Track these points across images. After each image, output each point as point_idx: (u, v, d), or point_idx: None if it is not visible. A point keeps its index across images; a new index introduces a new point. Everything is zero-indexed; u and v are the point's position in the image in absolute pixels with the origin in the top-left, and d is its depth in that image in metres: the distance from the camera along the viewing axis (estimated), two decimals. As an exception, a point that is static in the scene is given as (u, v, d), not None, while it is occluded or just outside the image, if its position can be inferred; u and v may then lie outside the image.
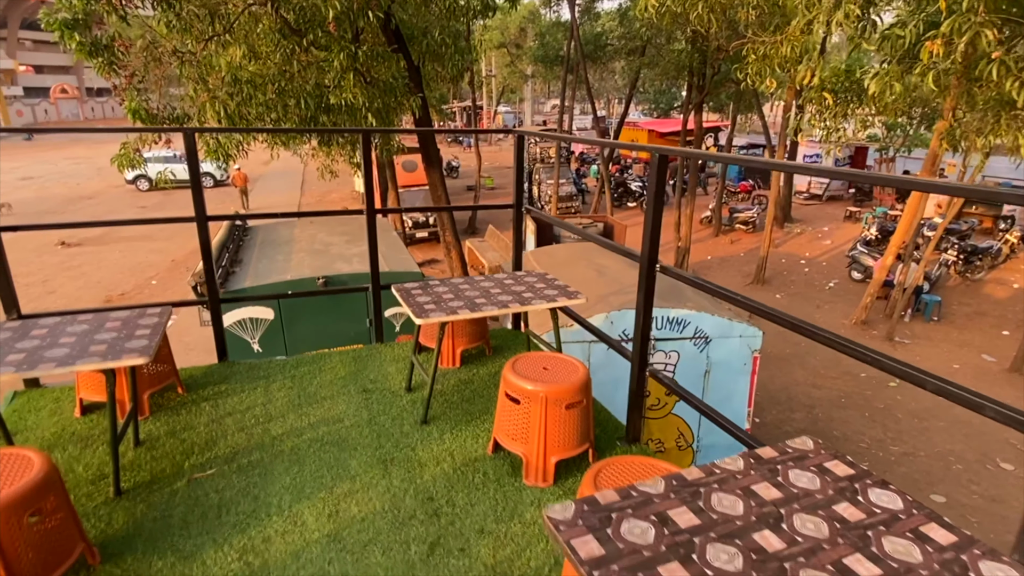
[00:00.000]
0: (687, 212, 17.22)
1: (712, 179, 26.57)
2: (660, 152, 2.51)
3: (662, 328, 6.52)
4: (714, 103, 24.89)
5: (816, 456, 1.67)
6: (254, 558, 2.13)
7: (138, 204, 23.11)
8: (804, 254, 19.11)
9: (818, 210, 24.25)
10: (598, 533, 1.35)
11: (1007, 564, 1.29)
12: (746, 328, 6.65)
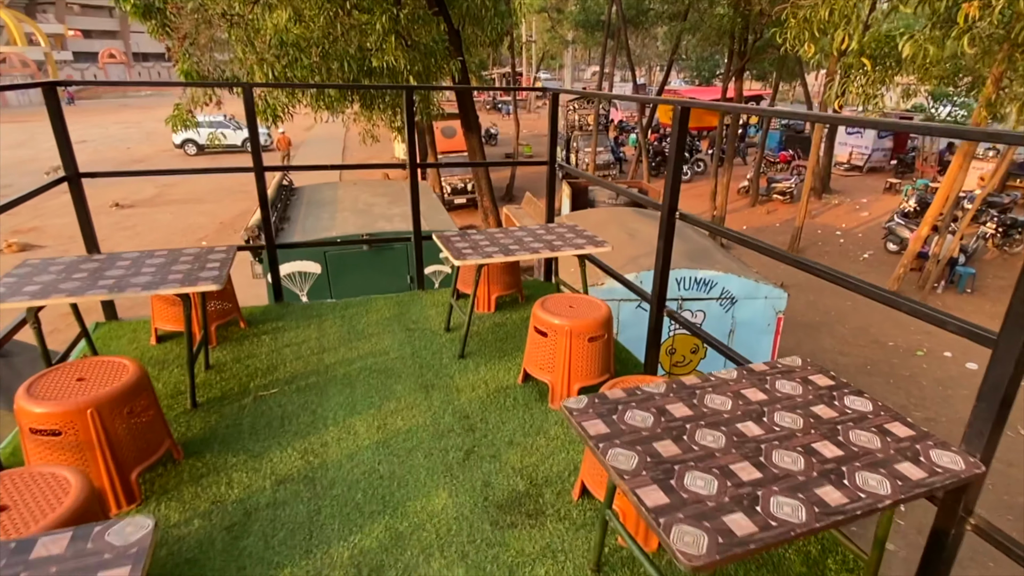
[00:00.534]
0: (723, 181, 16.98)
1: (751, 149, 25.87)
2: (682, 104, 2.67)
3: (690, 288, 6.68)
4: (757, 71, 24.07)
5: (803, 370, 1.88)
6: (314, 458, 2.48)
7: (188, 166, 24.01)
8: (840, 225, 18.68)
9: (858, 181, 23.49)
10: (605, 418, 1.61)
11: (954, 452, 1.50)
12: (771, 290, 6.74)
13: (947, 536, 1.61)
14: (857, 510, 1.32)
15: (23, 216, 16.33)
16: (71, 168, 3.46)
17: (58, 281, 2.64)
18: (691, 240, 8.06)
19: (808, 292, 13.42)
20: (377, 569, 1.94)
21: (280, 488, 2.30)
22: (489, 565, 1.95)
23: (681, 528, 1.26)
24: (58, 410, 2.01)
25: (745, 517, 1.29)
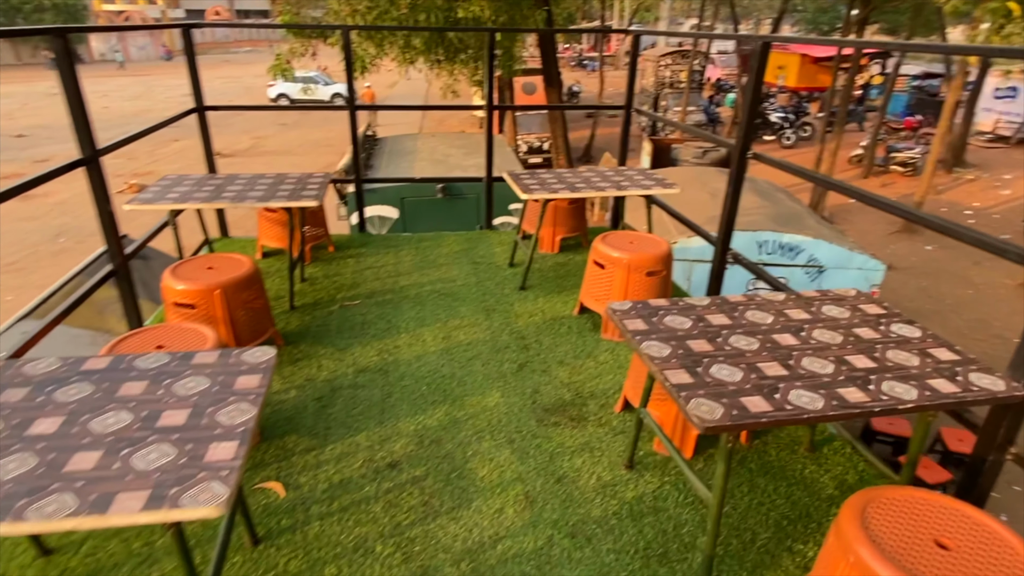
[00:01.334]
0: (831, 147, 15.73)
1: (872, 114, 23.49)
2: (763, 40, 2.64)
3: (773, 252, 6.46)
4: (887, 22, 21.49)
5: (856, 300, 1.92)
6: (388, 356, 2.82)
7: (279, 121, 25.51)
8: (972, 204, 16.77)
9: (1002, 154, 20.73)
10: (646, 319, 1.76)
11: (996, 376, 1.52)
12: (867, 260, 6.37)
13: (984, 463, 1.64)
14: (876, 407, 1.40)
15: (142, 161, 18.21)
16: (199, 102, 3.95)
17: (192, 192, 3.10)
18: (781, 204, 7.71)
19: (922, 277, 12.34)
20: (436, 441, 2.24)
21: (359, 375, 2.65)
22: (532, 451, 2.19)
23: (700, 400, 1.41)
24: (194, 288, 2.44)
25: (763, 400, 1.42)
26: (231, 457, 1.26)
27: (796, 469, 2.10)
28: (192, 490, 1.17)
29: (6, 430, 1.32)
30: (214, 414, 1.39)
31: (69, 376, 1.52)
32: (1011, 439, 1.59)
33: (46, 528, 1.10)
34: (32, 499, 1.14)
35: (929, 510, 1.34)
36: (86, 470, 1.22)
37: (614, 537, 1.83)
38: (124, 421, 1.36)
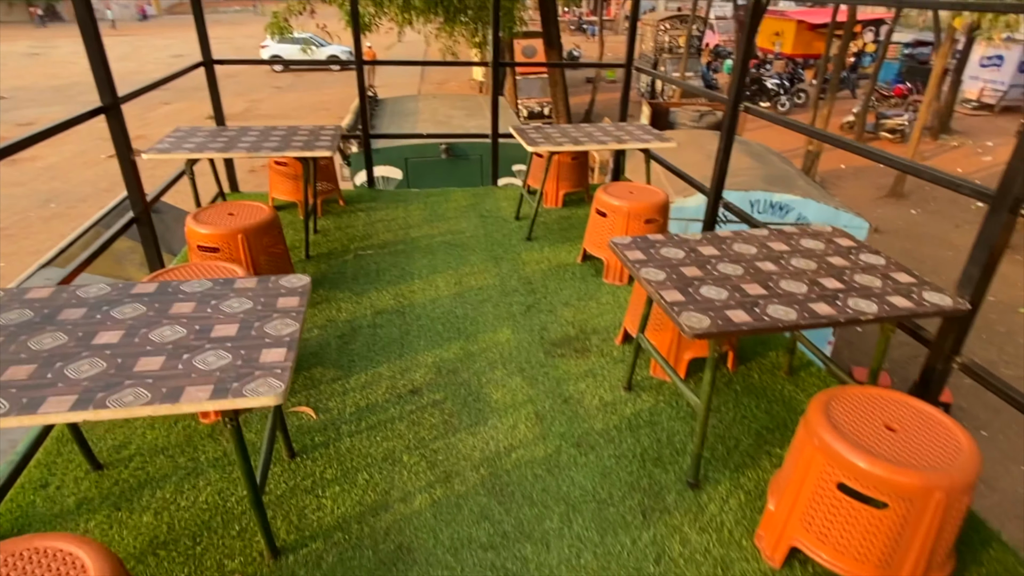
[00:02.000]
0: (824, 113, 15.79)
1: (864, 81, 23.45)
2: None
3: (764, 211, 6.64)
4: (884, -13, 21.28)
5: (831, 235, 2.12)
6: (403, 299, 3.01)
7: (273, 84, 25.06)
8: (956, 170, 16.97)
9: (986, 122, 20.89)
10: (644, 251, 1.95)
11: (945, 294, 1.73)
12: (852, 218, 6.57)
13: (934, 371, 1.86)
14: (840, 318, 1.61)
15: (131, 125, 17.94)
16: (207, 55, 4.03)
17: (207, 142, 3.22)
18: (773, 166, 7.86)
19: (906, 240, 12.63)
20: (453, 371, 2.45)
21: (377, 316, 2.84)
22: (541, 378, 2.40)
23: (690, 313, 1.61)
24: (217, 232, 2.60)
25: (744, 313, 1.62)
26: (282, 359, 1.45)
27: (776, 389, 2.33)
28: (251, 384, 1.36)
29: (71, 341, 1.50)
30: (261, 327, 1.57)
31: (121, 298, 1.70)
32: (957, 349, 1.81)
33: (127, 414, 1.29)
34: (109, 392, 1.32)
35: (882, 402, 1.57)
36: (153, 370, 1.40)
37: (614, 445, 2.06)
38: (180, 333, 1.55)
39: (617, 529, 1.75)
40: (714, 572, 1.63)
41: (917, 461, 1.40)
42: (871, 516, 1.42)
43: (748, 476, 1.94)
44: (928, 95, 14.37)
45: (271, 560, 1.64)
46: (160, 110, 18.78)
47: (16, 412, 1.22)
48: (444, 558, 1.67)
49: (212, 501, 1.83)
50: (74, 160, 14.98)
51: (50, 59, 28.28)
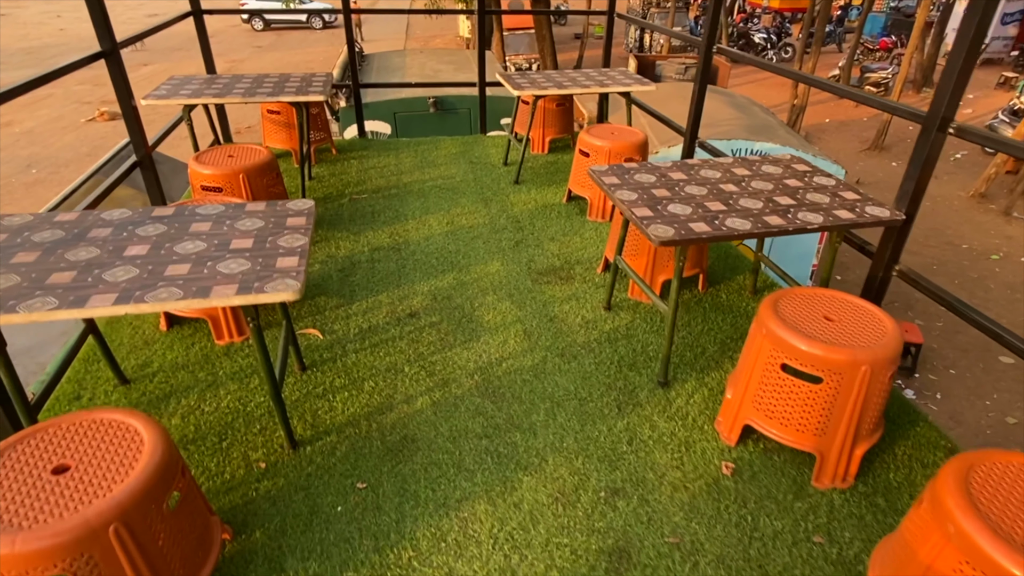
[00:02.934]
0: (808, 67, 15.78)
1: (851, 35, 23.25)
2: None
3: (744, 162, 6.82)
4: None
5: (789, 162, 2.31)
6: (399, 238, 3.18)
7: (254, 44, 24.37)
8: (940, 122, 17.12)
9: (972, 74, 20.89)
10: (619, 177, 2.14)
11: (884, 207, 1.94)
12: (829, 165, 6.77)
13: (877, 279, 2.09)
14: (789, 227, 1.82)
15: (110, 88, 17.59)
16: (195, 5, 4.06)
17: (202, 89, 3.32)
18: (755, 116, 7.98)
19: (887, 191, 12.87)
20: (447, 297, 2.65)
21: (375, 253, 3.02)
22: (529, 301, 2.62)
23: (657, 226, 1.81)
24: (220, 172, 2.74)
25: (705, 225, 1.82)
26: (296, 265, 1.63)
27: (741, 306, 2.57)
28: (271, 283, 1.55)
29: (104, 254, 1.66)
30: (274, 241, 1.75)
31: (143, 220, 1.86)
32: (896, 259, 2.04)
33: (160, 308, 1.47)
34: (146, 291, 1.50)
35: (824, 300, 1.79)
36: (182, 274, 1.58)
37: (594, 355, 2.29)
38: (201, 246, 1.72)
39: (595, 420, 1.99)
40: (679, 451, 1.88)
41: (848, 342, 1.64)
42: (809, 391, 1.66)
43: (712, 376, 2.19)
44: (910, 48, 14.40)
45: (291, 451, 1.87)
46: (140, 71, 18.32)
47: (66, 307, 1.41)
48: (444, 445, 1.90)
49: (233, 407, 2.05)
50: (52, 125, 14.68)
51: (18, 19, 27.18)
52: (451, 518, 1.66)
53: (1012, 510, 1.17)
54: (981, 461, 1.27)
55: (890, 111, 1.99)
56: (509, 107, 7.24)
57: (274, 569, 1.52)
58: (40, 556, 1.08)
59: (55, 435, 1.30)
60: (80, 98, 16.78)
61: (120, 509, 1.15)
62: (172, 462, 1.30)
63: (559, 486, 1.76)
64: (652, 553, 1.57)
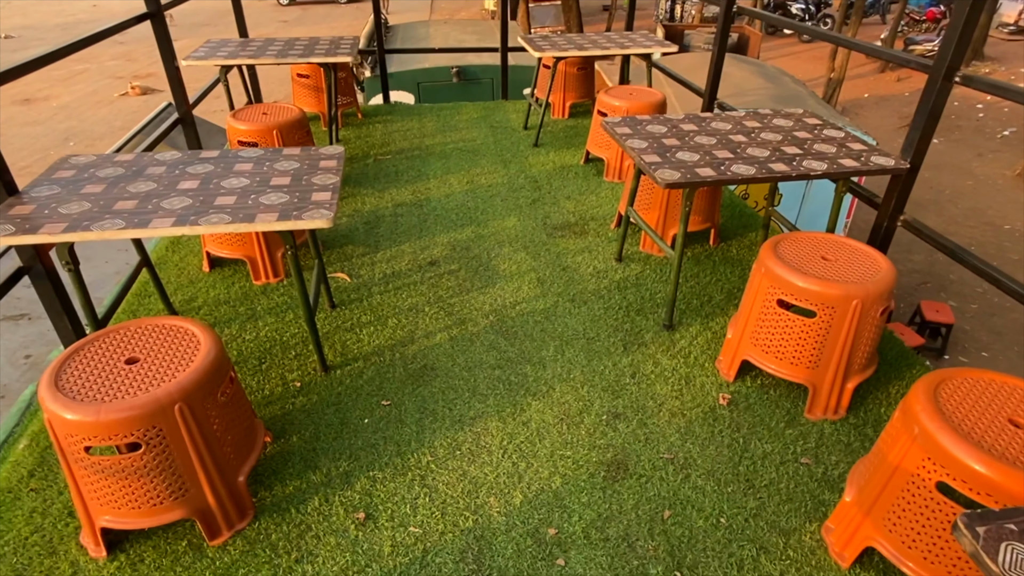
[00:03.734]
0: (847, 38, 15.25)
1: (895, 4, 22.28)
2: None
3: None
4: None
5: (802, 116, 2.37)
6: (420, 195, 3.33)
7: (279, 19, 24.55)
8: (985, 98, 16.47)
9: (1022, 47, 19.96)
10: (632, 128, 2.24)
11: (889, 156, 2.01)
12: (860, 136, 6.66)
13: (883, 228, 2.16)
14: (792, 174, 1.90)
15: (141, 63, 17.84)
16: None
17: (238, 51, 3.49)
18: (785, 87, 7.86)
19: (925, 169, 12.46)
20: (466, 248, 2.80)
21: (398, 208, 3.18)
22: (543, 253, 2.75)
23: (664, 170, 1.92)
24: (255, 128, 2.91)
25: (711, 170, 1.92)
26: (329, 199, 1.79)
27: (749, 259, 2.66)
28: (307, 213, 1.71)
29: (160, 187, 1.85)
30: (309, 179, 1.91)
31: (192, 161, 2.04)
32: (900, 208, 2.11)
33: (213, 230, 1.65)
34: (199, 216, 1.68)
35: (823, 243, 1.89)
36: (229, 204, 1.75)
37: (604, 300, 2.42)
38: (244, 182, 1.89)
39: (601, 356, 2.13)
40: (679, 384, 2.01)
41: (842, 278, 1.74)
42: (803, 325, 1.77)
43: (716, 322, 2.30)
44: (957, 17, 13.76)
45: (322, 373, 2.06)
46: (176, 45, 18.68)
47: (132, 227, 1.59)
48: (461, 374, 2.07)
49: (270, 336, 2.24)
50: (87, 99, 15.16)
51: (52, -3, 27.88)
52: (465, 432, 1.83)
53: (973, 414, 1.28)
54: (952, 376, 1.37)
55: (897, 61, 2.04)
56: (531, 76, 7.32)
57: (309, 467, 1.71)
58: (119, 424, 1.27)
59: (124, 335, 1.50)
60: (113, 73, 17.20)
61: (183, 392, 1.34)
62: (224, 361, 1.49)
63: (565, 409, 1.91)
64: (647, 466, 1.72)
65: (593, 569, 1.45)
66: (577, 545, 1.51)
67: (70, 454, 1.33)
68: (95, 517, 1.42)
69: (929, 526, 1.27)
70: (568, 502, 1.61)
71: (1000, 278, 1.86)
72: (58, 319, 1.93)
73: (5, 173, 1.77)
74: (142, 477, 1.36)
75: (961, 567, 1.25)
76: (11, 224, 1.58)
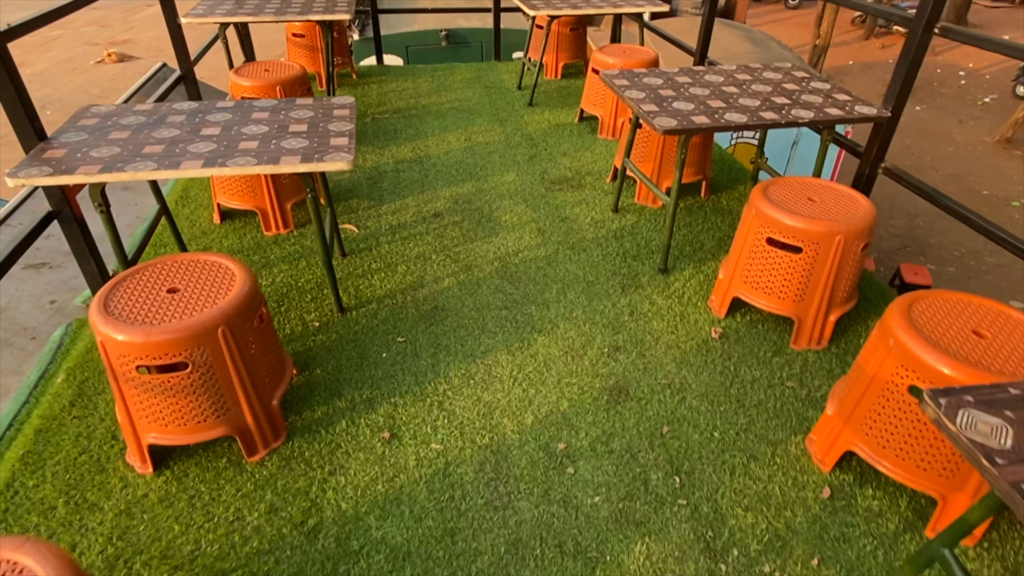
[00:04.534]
0: (833, 6, 15.28)
1: (882, -29, 22.21)
2: None
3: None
4: None
5: (791, 69, 2.48)
6: (420, 152, 3.40)
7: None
8: (967, 65, 16.66)
9: (1005, 15, 20.08)
10: (629, 79, 2.33)
11: (871, 105, 2.13)
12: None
13: (864, 176, 2.31)
14: (781, 121, 2.03)
15: (116, 28, 17.29)
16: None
17: (236, 9, 3.48)
18: (771, 51, 7.93)
19: (907, 136, 12.70)
20: (467, 201, 2.90)
21: (399, 164, 3.26)
22: (543, 205, 2.86)
23: (662, 118, 2.03)
24: (258, 84, 2.95)
25: (706, 118, 2.04)
26: (347, 143, 1.88)
27: (739, 210, 2.80)
28: (328, 155, 1.80)
29: (184, 133, 1.91)
30: (325, 126, 1.99)
31: (210, 110, 2.10)
32: (882, 156, 2.25)
33: (241, 171, 1.73)
34: (226, 159, 1.76)
35: (810, 186, 2.02)
36: (252, 148, 1.83)
37: (601, 248, 2.55)
38: (264, 129, 1.96)
39: (601, 297, 2.27)
40: (674, 320, 2.16)
41: (826, 216, 1.88)
42: (790, 260, 1.92)
43: (708, 266, 2.45)
44: (942, -17, 13.80)
45: (339, 314, 2.17)
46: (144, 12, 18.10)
47: (164, 168, 1.67)
48: (469, 314, 2.19)
49: (286, 282, 2.34)
50: (62, 67, 14.69)
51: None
52: (477, 364, 1.97)
53: (941, 327, 1.44)
54: (925, 296, 1.53)
55: (879, 13, 2.15)
56: (522, 41, 7.28)
57: (334, 395, 1.84)
58: (168, 345, 1.38)
59: (163, 269, 1.60)
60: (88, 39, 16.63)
61: (225, 316, 1.45)
62: (258, 291, 1.59)
63: (568, 344, 2.05)
64: (647, 390, 1.87)
65: (600, 475, 1.61)
66: (585, 456, 1.66)
67: (121, 374, 1.44)
68: (142, 435, 1.54)
69: (901, 427, 1.44)
70: (575, 421, 1.76)
71: (970, 216, 2.02)
72: (85, 263, 2.01)
73: (35, 120, 1.83)
74: (188, 396, 1.47)
75: (928, 460, 1.42)
76: (48, 166, 1.65)
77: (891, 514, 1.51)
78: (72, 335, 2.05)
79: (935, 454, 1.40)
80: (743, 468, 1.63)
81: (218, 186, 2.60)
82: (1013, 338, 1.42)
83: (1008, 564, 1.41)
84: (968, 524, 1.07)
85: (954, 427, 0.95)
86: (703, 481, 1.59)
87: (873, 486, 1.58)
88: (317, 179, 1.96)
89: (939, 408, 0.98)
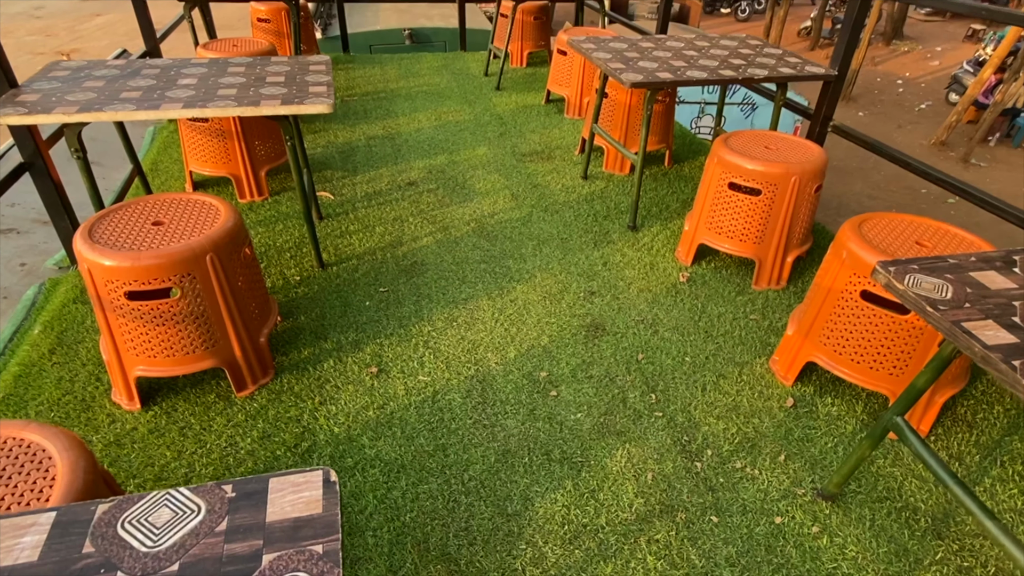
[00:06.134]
0: (780, 16, 16.07)
1: (823, -14, 23.43)
2: None
3: (714, 92, 7.17)
4: None
5: (744, 40, 2.66)
6: (392, 130, 3.45)
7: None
8: (904, 74, 17.73)
9: (938, 28, 21.51)
10: (595, 43, 2.45)
11: (819, 66, 2.31)
12: (793, 96, 7.18)
13: (815, 133, 2.48)
14: (739, 77, 2.18)
15: (62, 38, 16.75)
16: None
17: (200, -14, 3.47)
18: (724, 53, 8.32)
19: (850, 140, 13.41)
20: (441, 171, 2.96)
21: (371, 140, 3.30)
22: (515, 174, 2.95)
23: (629, 73, 2.15)
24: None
25: (669, 74, 2.17)
26: (326, 91, 1.92)
27: (700, 176, 2.95)
28: (308, 99, 1.84)
29: (160, 83, 1.92)
30: (303, 78, 2.03)
31: (185, 65, 2.10)
32: (830, 115, 2.43)
33: (221, 113, 1.76)
34: (206, 101, 1.77)
35: (767, 137, 2.17)
36: (232, 94, 1.85)
37: (573, 210, 2.65)
38: (241, 80, 1.98)
39: (575, 252, 2.37)
40: (644, 269, 2.27)
41: (782, 159, 2.02)
42: (750, 203, 2.06)
43: (674, 223, 2.58)
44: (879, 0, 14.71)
45: (320, 269, 2.20)
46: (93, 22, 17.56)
47: (143, 109, 1.69)
48: (449, 267, 2.25)
49: (265, 242, 2.35)
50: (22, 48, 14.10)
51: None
52: (460, 308, 2.03)
53: (888, 239, 1.58)
54: (873, 216, 1.68)
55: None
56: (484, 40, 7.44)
57: (320, 338, 1.87)
58: (157, 269, 1.40)
59: (145, 205, 1.60)
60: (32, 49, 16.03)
61: (213, 244, 1.47)
62: (242, 226, 1.62)
63: (546, 290, 2.14)
64: (621, 326, 1.97)
65: (582, 396, 1.69)
66: (566, 381, 1.74)
67: (108, 302, 1.44)
68: (129, 369, 1.54)
69: (856, 331, 1.57)
70: (556, 354, 1.84)
71: (910, 162, 2.20)
72: (59, 218, 1.98)
73: (8, 70, 1.81)
74: (177, 324, 1.49)
75: (880, 361, 1.55)
76: (23, 107, 1.64)
77: (849, 417, 1.64)
78: (46, 293, 2.02)
79: (886, 353, 1.53)
80: (713, 385, 1.74)
81: (191, 152, 2.60)
82: (950, 248, 1.58)
83: (952, 452, 1.55)
84: (916, 389, 1.19)
85: (902, 286, 1.07)
86: (677, 397, 1.69)
87: (832, 396, 1.71)
88: (296, 137, 1.99)
89: (889, 274, 1.10)
